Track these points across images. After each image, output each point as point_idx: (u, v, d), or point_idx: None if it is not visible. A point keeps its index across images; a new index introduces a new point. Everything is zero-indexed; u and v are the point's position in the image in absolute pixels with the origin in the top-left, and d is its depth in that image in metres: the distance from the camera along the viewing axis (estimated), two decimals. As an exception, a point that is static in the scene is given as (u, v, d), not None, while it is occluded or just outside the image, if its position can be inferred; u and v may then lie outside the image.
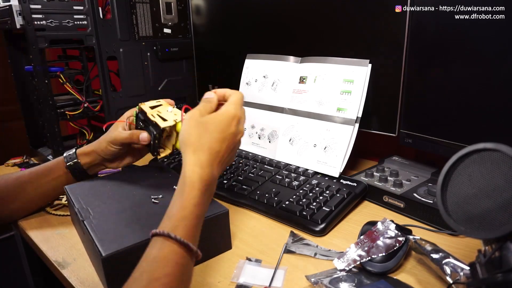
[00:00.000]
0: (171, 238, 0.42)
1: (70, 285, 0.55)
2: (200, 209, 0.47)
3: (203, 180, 0.48)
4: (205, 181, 0.48)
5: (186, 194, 0.46)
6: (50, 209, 0.75)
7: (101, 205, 0.61)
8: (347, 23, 0.82)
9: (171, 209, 0.46)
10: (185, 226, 0.44)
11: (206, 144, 0.50)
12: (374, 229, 0.57)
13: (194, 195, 0.46)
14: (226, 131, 0.52)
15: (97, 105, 1.02)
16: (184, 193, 0.46)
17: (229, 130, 0.53)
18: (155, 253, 0.42)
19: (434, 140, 0.73)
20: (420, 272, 0.54)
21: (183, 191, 0.46)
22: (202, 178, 0.48)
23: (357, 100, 0.78)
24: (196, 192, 0.46)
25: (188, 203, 0.46)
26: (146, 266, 0.41)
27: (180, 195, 0.46)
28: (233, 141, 0.53)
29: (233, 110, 0.54)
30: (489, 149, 0.39)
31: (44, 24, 0.88)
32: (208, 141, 0.50)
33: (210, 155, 0.50)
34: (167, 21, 1.13)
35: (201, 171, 0.48)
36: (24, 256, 0.88)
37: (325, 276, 0.52)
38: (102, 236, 0.52)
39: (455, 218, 0.41)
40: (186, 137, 0.50)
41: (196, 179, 0.47)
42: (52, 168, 0.70)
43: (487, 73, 0.64)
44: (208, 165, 0.49)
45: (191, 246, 0.43)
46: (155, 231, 0.44)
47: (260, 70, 0.96)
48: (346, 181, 0.76)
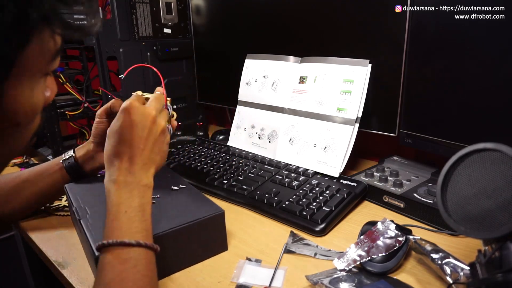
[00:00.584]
0: (105, 247, 0.44)
1: (70, 285, 0.55)
2: (124, 206, 0.48)
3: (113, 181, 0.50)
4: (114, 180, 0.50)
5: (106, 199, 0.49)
6: (51, 209, 0.75)
7: (98, 205, 0.61)
8: (347, 23, 0.82)
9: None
10: (114, 227, 0.46)
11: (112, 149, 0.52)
12: (374, 229, 0.57)
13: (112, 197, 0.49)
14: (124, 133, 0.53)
15: (97, 105, 1.02)
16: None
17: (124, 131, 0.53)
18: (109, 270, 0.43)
19: (434, 140, 0.73)
20: (420, 272, 0.54)
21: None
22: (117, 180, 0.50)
23: (357, 100, 0.78)
24: (113, 192, 0.49)
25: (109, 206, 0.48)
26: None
27: None
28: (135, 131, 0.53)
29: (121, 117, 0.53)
30: (489, 149, 0.39)
31: (44, 24, 0.87)
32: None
33: (117, 158, 0.52)
34: (167, 21, 1.13)
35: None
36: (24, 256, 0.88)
37: (325, 276, 0.52)
38: (97, 235, 0.53)
39: (455, 218, 0.41)
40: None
41: (106, 182, 0.50)
42: (49, 168, 0.69)
43: (487, 73, 0.64)
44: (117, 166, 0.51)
45: (126, 241, 0.44)
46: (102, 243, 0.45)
47: (260, 70, 0.96)
48: (346, 181, 0.76)
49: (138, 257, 0.44)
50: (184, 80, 1.21)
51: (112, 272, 0.42)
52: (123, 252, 0.44)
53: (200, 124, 1.23)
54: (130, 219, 0.47)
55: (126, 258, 0.44)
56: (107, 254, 0.44)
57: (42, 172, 0.69)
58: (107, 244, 0.44)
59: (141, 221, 0.47)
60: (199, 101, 1.24)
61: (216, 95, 1.19)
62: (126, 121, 0.52)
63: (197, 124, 1.23)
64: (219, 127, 1.40)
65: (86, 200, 0.63)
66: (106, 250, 0.44)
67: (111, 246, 0.44)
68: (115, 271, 0.42)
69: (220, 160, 0.91)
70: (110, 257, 0.44)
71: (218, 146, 0.99)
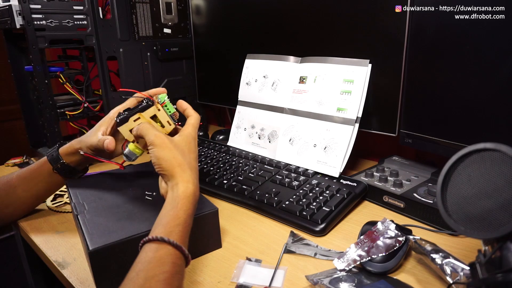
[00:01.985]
0: (165, 242, 0.45)
1: (70, 285, 0.55)
2: (191, 219, 0.51)
3: (195, 195, 0.53)
4: (195, 195, 0.53)
5: (180, 206, 0.50)
6: (52, 206, 0.76)
7: (96, 200, 0.63)
8: (347, 23, 0.82)
9: (164, 218, 0.49)
10: (179, 232, 0.47)
11: (190, 163, 0.55)
12: (374, 229, 0.57)
13: (188, 207, 0.50)
14: (194, 150, 0.58)
15: (97, 105, 1.02)
16: (178, 205, 0.50)
17: (195, 149, 0.58)
18: (150, 256, 0.44)
19: (434, 140, 0.73)
20: (420, 272, 0.54)
21: (177, 203, 0.50)
22: (194, 193, 0.52)
23: (357, 100, 0.78)
24: (189, 205, 0.51)
25: (183, 214, 0.49)
26: (141, 266, 0.43)
27: (173, 207, 0.50)
28: (197, 159, 0.59)
29: (193, 133, 0.59)
30: (489, 149, 0.39)
31: (44, 24, 0.88)
32: (189, 160, 0.55)
33: (195, 172, 0.55)
34: (167, 21, 1.13)
35: (193, 187, 0.53)
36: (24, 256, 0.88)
37: (325, 276, 0.52)
38: (92, 231, 0.54)
39: (455, 218, 0.41)
40: (172, 157, 0.53)
41: (190, 194, 0.52)
42: (39, 172, 0.68)
43: (487, 73, 0.64)
44: (195, 181, 0.54)
45: (183, 249, 0.46)
46: (147, 238, 0.46)
47: (260, 70, 0.96)
48: (346, 181, 0.76)
49: (182, 266, 0.46)
50: (184, 80, 1.21)
51: (167, 266, 0.43)
52: (178, 256, 0.45)
53: (200, 124, 1.23)
54: (188, 232, 0.50)
55: (176, 262, 0.45)
56: (163, 251, 0.45)
57: (34, 178, 0.68)
58: (168, 242, 0.45)
59: (188, 238, 0.49)
60: (199, 101, 1.24)
61: (216, 95, 1.19)
62: (190, 136, 0.58)
63: (197, 124, 1.23)
64: (219, 127, 1.40)
65: (85, 197, 0.64)
66: (165, 246, 0.45)
67: (170, 246, 0.45)
68: (166, 267, 0.43)
69: (220, 160, 0.91)
70: (166, 256, 0.44)
71: (218, 146, 0.99)
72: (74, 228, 0.68)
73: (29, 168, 0.69)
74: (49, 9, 0.88)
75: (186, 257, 0.47)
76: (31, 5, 0.84)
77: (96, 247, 0.50)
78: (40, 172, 0.68)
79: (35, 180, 0.68)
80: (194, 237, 0.58)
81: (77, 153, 0.66)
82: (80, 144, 0.66)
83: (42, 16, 0.87)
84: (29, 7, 0.84)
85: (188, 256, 0.47)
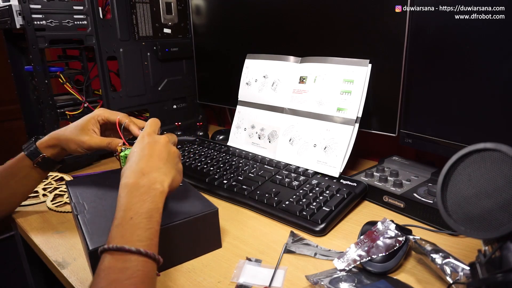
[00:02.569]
0: (105, 251, 0.43)
1: (70, 285, 0.55)
2: (131, 212, 0.46)
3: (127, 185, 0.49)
4: (128, 186, 0.49)
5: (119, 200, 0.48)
6: (52, 206, 0.76)
7: (96, 200, 0.63)
8: (347, 23, 0.82)
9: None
10: (117, 233, 0.44)
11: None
12: (374, 229, 0.57)
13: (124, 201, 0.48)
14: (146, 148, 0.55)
15: (97, 105, 1.02)
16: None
17: (151, 151, 0.54)
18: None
19: (434, 140, 0.73)
20: (420, 272, 0.54)
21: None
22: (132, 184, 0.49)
23: (357, 100, 0.78)
24: (124, 196, 0.48)
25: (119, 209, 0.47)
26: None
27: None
28: (153, 148, 0.55)
29: (145, 139, 0.56)
30: (489, 149, 0.39)
31: (44, 24, 0.88)
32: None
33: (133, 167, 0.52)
34: (167, 21, 1.13)
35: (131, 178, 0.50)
36: (24, 256, 0.88)
37: (325, 276, 0.52)
38: (92, 230, 0.54)
39: (455, 218, 0.41)
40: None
41: (120, 185, 0.49)
42: (18, 168, 0.67)
43: (487, 73, 0.64)
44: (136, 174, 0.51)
45: (126, 248, 0.42)
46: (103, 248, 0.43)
47: (260, 70, 0.96)
48: (346, 181, 0.76)
49: (136, 267, 0.42)
50: (184, 80, 1.21)
51: (106, 280, 0.40)
52: (121, 259, 0.42)
53: (200, 124, 1.23)
54: (134, 226, 0.45)
55: (123, 266, 0.42)
56: (105, 259, 0.42)
57: (13, 176, 0.68)
58: (107, 249, 0.42)
59: (145, 229, 0.45)
60: (199, 101, 1.24)
61: (216, 95, 1.19)
62: (149, 143, 0.54)
63: (197, 124, 1.23)
64: (219, 127, 1.40)
65: (85, 196, 0.64)
66: (105, 255, 0.43)
67: (110, 251, 0.42)
68: (109, 278, 0.41)
69: (220, 160, 0.91)
70: (108, 263, 0.42)
71: (218, 146, 0.99)
72: (74, 228, 0.68)
73: (5, 166, 0.68)
74: (49, 9, 0.88)
75: (136, 252, 0.43)
76: (31, 5, 0.85)
77: (96, 247, 0.50)
78: (20, 168, 0.67)
79: (15, 178, 0.67)
80: (194, 237, 0.58)
81: (57, 146, 0.67)
82: (63, 142, 0.66)
83: (42, 16, 0.87)
84: (29, 7, 0.84)
85: (139, 250, 0.43)
